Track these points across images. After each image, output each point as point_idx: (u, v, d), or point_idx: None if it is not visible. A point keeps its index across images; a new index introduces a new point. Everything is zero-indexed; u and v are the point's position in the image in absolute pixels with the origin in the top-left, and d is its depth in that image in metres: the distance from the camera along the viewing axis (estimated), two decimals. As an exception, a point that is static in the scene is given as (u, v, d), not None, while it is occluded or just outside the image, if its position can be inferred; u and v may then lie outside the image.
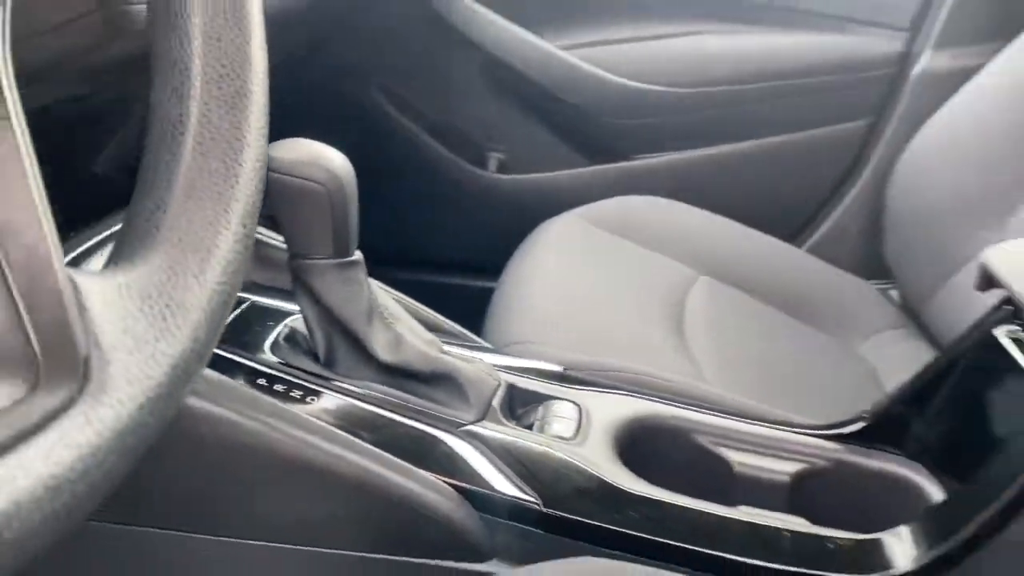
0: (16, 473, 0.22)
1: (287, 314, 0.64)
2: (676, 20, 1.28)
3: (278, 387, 0.58)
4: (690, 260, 1.08)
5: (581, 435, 0.60)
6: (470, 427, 0.58)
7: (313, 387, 0.58)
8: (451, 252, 1.33)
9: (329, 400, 0.57)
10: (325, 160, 0.56)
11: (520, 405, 0.64)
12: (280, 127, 0.49)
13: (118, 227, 0.37)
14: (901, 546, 0.53)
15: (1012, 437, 0.54)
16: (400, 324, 0.61)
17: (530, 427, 0.61)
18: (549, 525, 0.54)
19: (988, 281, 0.55)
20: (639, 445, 0.62)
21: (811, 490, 0.62)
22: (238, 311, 0.64)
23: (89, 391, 0.24)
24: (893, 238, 1.14)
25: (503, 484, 0.54)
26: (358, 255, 0.59)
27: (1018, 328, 0.54)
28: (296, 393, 0.58)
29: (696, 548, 0.53)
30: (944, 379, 0.60)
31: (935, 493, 0.58)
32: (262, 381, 0.58)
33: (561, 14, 1.31)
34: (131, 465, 0.26)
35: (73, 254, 0.55)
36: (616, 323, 0.93)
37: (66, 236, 0.52)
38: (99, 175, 0.69)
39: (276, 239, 0.60)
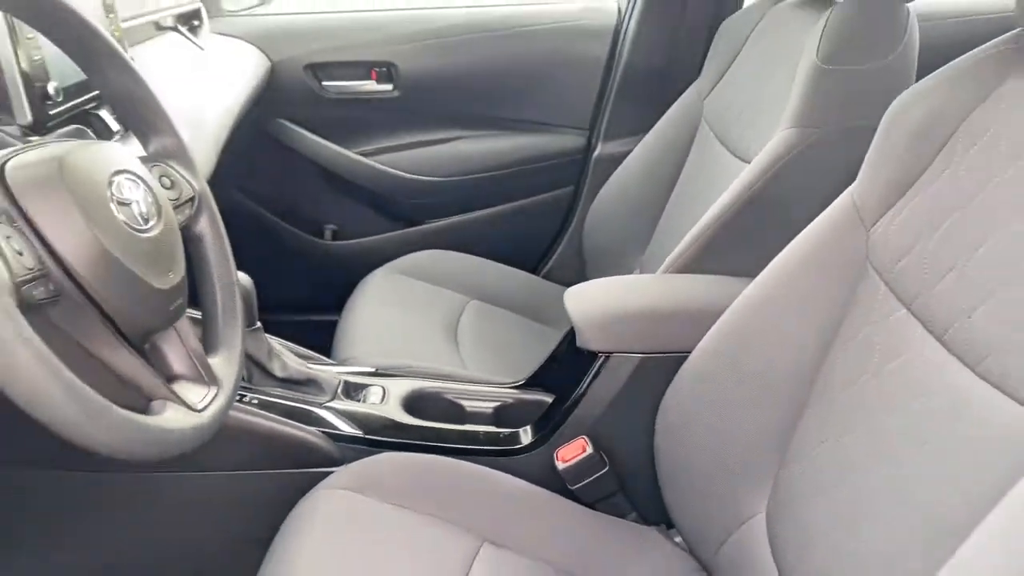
0: (205, 419, 0.74)
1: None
2: (441, 130, 1.87)
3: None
4: (463, 291, 1.66)
5: (384, 401, 1.17)
6: (326, 404, 1.14)
7: (245, 393, 1.11)
8: (304, 298, 1.84)
9: (252, 398, 1.11)
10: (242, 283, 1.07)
11: (353, 390, 1.19)
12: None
13: None
14: (527, 436, 1.13)
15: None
16: (285, 355, 1.15)
17: (359, 401, 1.17)
18: (369, 443, 1.10)
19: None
20: (416, 403, 1.20)
21: (507, 417, 1.20)
22: None
23: (220, 390, 0.77)
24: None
25: (345, 427, 1.10)
26: (259, 324, 1.12)
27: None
28: (240, 396, 1.10)
29: (438, 443, 1.10)
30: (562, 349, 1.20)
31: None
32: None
33: (362, 131, 1.87)
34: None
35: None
36: (413, 338, 1.49)
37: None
38: None
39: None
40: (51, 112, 0.92)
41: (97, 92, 1.03)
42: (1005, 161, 0.75)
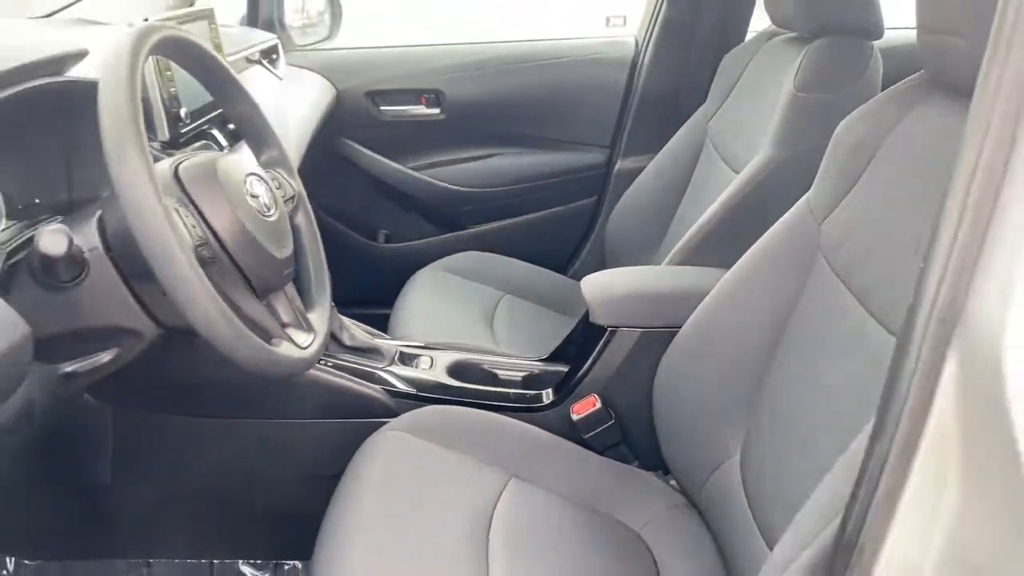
0: (308, 354, 0.99)
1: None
2: (481, 148, 2.14)
3: None
4: (498, 287, 1.91)
5: (432, 367, 1.43)
6: (386, 367, 1.40)
7: (324, 357, 1.37)
8: (359, 294, 2.08)
9: (327, 360, 1.37)
10: None
11: (407, 359, 1.45)
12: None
13: None
14: (548, 396, 1.38)
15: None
16: (352, 328, 1.42)
17: (412, 367, 1.43)
18: (420, 399, 1.35)
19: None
20: (459, 370, 1.45)
21: (532, 383, 1.45)
22: None
23: (316, 337, 1.03)
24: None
25: (401, 385, 1.36)
26: (332, 304, 1.39)
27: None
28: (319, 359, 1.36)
29: (476, 400, 1.35)
30: (578, 328, 1.45)
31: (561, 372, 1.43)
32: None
33: (413, 148, 2.14)
34: None
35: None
36: (455, 323, 1.74)
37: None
38: None
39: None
40: (181, 131, 1.20)
41: (212, 115, 1.31)
42: (908, 171, 0.98)
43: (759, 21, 1.85)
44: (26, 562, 1.37)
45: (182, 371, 1.25)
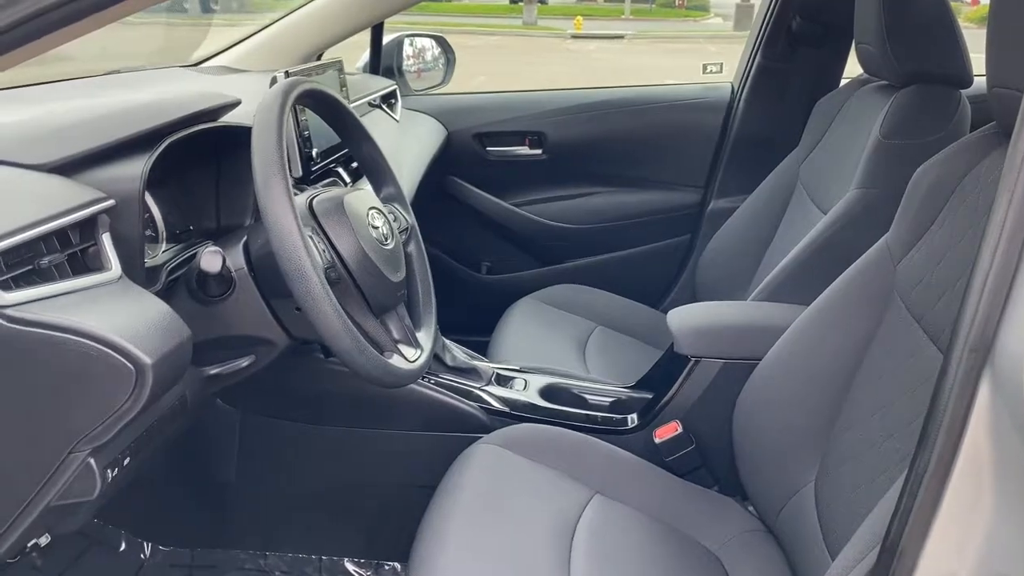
0: (415, 367, 1.12)
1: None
2: (580, 187, 2.26)
3: None
4: (592, 318, 2.00)
5: (526, 389, 1.54)
6: (483, 387, 1.52)
7: (426, 375, 1.50)
8: (461, 321, 2.20)
9: (429, 377, 1.49)
10: None
11: (503, 380, 1.56)
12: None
13: None
14: (633, 420, 1.46)
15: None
16: (453, 349, 1.54)
17: (507, 387, 1.54)
18: (513, 417, 1.46)
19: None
20: (550, 392, 1.55)
21: (618, 408, 1.53)
22: None
23: (423, 353, 1.15)
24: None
25: (496, 404, 1.47)
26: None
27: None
28: (423, 376, 1.49)
29: (566, 421, 1.44)
30: (664, 358, 1.53)
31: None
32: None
33: (516, 186, 2.28)
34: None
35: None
36: (550, 350, 1.84)
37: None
38: None
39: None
40: (312, 169, 1.36)
41: (338, 155, 1.47)
42: (979, 215, 1.04)
43: (852, 69, 1.91)
44: (160, 547, 1.55)
45: (304, 383, 1.40)
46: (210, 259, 0.94)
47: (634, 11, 21.30)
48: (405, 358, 1.09)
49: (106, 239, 0.90)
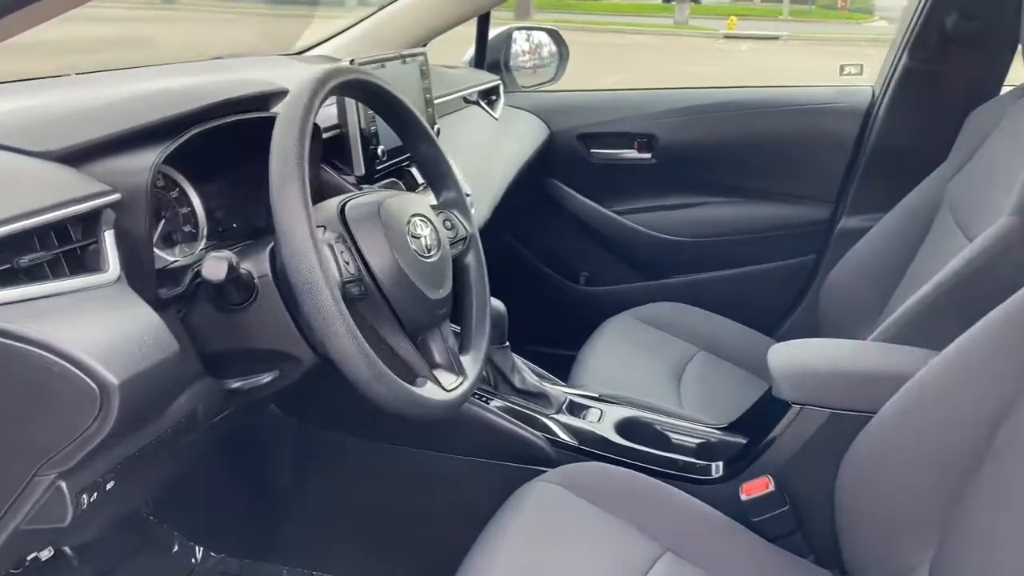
0: (451, 397, 0.99)
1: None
2: (690, 196, 2.07)
3: (480, 395, 1.36)
4: (694, 342, 1.81)
5: (600, 421, 1.38)
6: (551, 415, 1.37)
7: (491, 396, 1.37)
8: (552, 332, 2.06)
9: (494, 400, 1.37)
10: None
11: (576, 408, 1.41)
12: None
13: None
14: (718, 470, 1.27)
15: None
16: (524, 371, 1.40)
17: (579, 417, 1.39)
18: (581, 452, 1.31)
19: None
20: (629, 427, 1.39)
21: (705, 452, 1.35)
22: None
23: (465, 380, 1.03)
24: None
25: (563, 435, 1.32)
26: (507, 343, 1.38)
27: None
28: (486, 397, 1.36)
29: (640, 463, 1.28)
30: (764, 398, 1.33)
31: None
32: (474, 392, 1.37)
33: (620, 192, 2.11)
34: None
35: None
36: (640, 375, 1.67)
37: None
38: None
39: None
40: (377, 168, 1.25)
41: (409, 154, 1.36)
42: None
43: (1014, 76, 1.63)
44: (212, 554, 1.49)
45: (357, 395, 1.30)
46: (213, 265, 0.84)
47: (793, 12, 20.45)
48: (441, 386, 0.96)
49: (108, 237, 0.82)
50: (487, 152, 1.74)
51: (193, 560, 1.48)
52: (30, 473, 0.73)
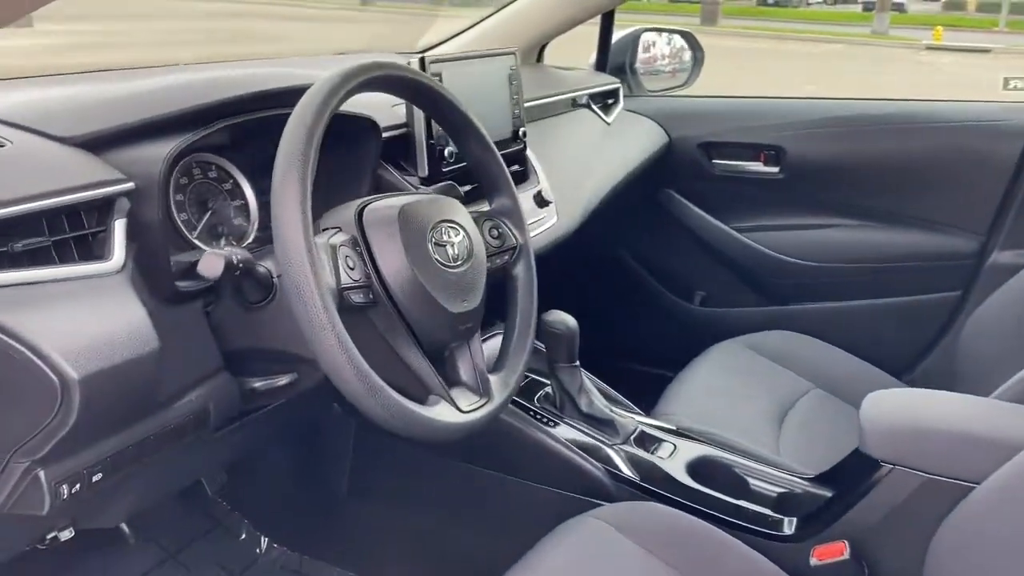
0: (465, 419, 0.92)
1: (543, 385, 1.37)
2: (820, 216, 1.87)
3: (541, 416, 1.29)
4: (808, 377, 1.62)
5: (671, 457, 1.26)
6: (616, 444, 1.27)
7: (553, 419, 1.29)
8: (660, 354, 1.94)
9: (557, 423, 1.28)
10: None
11: (647, 440, 1.30)
12: (563, 268, 1.16)
13: None
14: (791, 526, 1.12)
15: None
16: (593, 395, 1.31)
17: (648, 451, 1.28)
18: (642, 490, 1.20)
19: None
20: (702, 467, 1.26)
21: (786, 503, 1.20)
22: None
23: (489, 402, 0.96)
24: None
25: (625, 469, 1.22)
26: (577, 362, 1.29)
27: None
28: (548, 419, 1.28)
29: (704, 508, 1.15)
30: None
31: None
32: (535, 413, 1.30)
33: (741, 208, 1.95)
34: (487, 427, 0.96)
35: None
36: (736, 410, 1.52)
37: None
38: None
39: None
40: (444, 170, 1.20)
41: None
42: None
43: None
44: (275, 545, 1.50)
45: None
46: (210, 261, 0.81)
47: (1011, 23, 18.74)
48: (456, 407, 0.89)
49: (119, 226, 0.81)
50: (588, 158, 1.65)
51: (258, 550, 1.50)
52: (4, 459, 0.73)
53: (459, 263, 0.92)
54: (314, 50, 1.70)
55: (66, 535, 0.95)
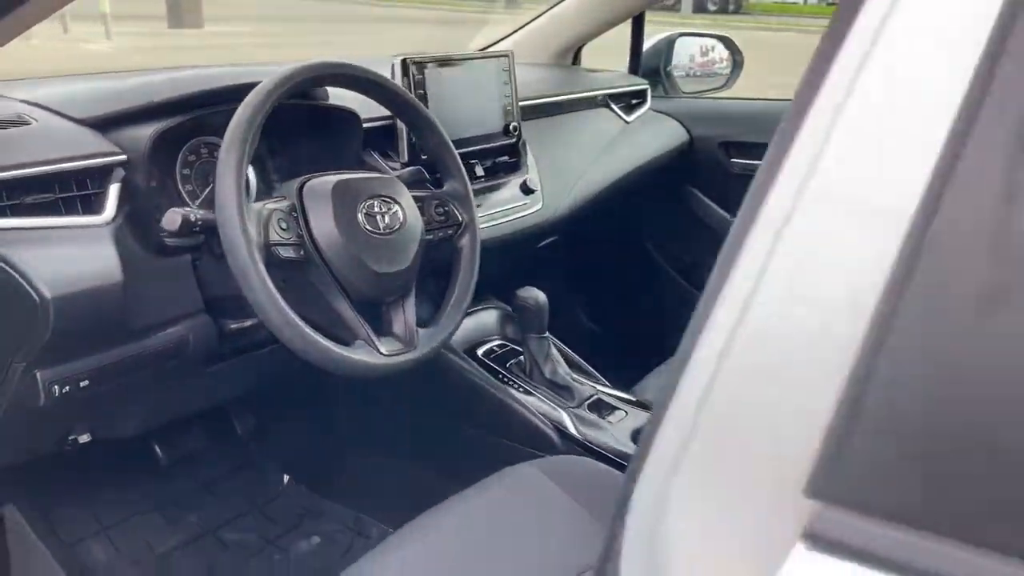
0: (381, 361, 1.08)
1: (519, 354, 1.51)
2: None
3: (507, 379, 1.44)
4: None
5: (619, 423, 1.38)
6: (570, 407, 1.39)
7: (519, 382, 1.44)
8: (675, 342, 2.03)
9: (518, 384, 1.43)
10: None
11: (602, 408, 1.42)
12: (586, 256, 1.31)
13: None
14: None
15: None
16: (558, 363, 1.44)
17: (600, 415, 1.40)
18: (583, 447, 1.32)
19: None
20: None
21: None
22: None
23: (411, 351, 1.11)
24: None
25: (571, 427, 1.35)
26: (547, 333, 1.43)
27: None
28: (513, 382, 1.43)
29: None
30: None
31: None
32: (503, 376, 1.45)
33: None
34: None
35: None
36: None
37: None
38: None
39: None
40: (423, 156, 1.37)
41: (474, 148, 1.46)
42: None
43: None
44: (295, 481, 1.72)
45: None
46: (170, 217, 1.01)
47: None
48: (378, 351, 1.06)
49: (113, 188, 1.04)
50: (594, 153, 1.78)
51: (280, 486, 1.72)
52: (9, 361, 0.96)
53: (388, 232, 1.08)
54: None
55: (84, 438, 1.18)
